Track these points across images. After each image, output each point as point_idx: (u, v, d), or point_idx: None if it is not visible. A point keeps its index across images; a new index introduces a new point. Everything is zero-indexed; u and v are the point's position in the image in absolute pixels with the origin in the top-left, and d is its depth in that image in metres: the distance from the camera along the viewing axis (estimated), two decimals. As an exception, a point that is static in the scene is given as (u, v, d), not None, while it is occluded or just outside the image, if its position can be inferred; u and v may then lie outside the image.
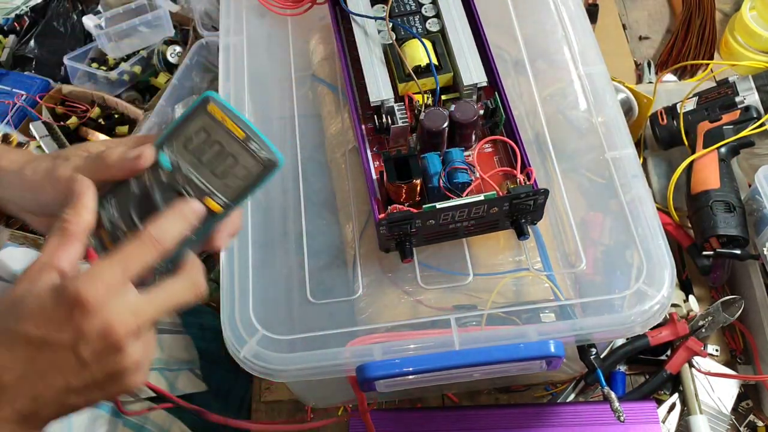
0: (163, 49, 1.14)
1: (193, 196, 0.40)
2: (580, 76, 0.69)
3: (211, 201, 0.40)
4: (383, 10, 0.71)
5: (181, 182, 0.40)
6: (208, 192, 0.40)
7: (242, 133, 0.40)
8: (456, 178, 0.61)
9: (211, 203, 0.40)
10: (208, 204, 0.40)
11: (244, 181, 0.40)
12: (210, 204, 0.40)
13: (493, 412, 0.74)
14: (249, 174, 0.40)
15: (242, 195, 0.40)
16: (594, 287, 0.65)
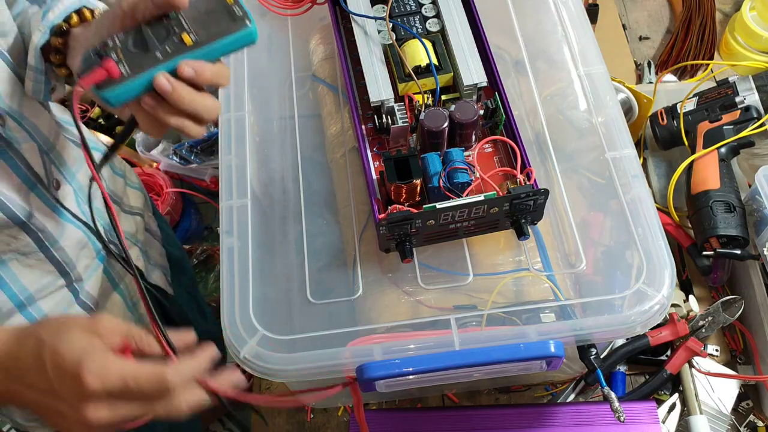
0: (163, 49, 1.14)
1: (175, 33, 0.49)
2: (580, 76, 0.69)
3: (186, 35, 0.49)
4: (383, 10, 0.71)
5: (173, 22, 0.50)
6: (187, 30, 0.49)
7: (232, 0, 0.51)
8: (456, 178, 0.61)
9: (185, 36, 0.49)
10: (183, 37, 0.49)
11: (218, 28, 0.50)
12: (184, 37, 0.49)
13: (493, 412, 0.74)
14: (223, 27, 0.50)
15: (211, 40, 0.50)
16: (594, 287, 0.65)
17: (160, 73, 0.48)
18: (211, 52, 0.50)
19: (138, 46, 0.49)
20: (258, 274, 0.60)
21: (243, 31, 0.50)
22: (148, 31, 0.50)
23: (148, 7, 0.50)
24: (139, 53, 0.49)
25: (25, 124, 0.60)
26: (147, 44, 0.49)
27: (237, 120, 0.69)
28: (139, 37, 0.50)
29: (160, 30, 0.50)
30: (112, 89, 0.48)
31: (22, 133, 0.59)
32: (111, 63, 0.48)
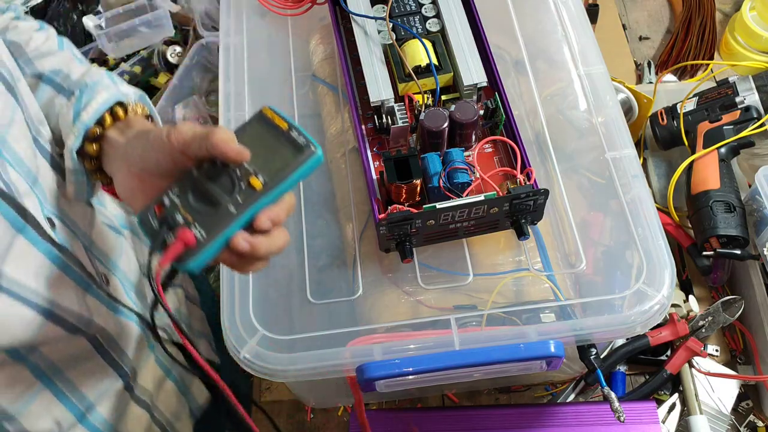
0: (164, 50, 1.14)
1: (241, 178, 0.45)
2: (580, 76, 0.69)
3: (254, 179, 0.45)
4: (383, 10, 0.71)
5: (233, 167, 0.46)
6: (252, 172, 0.45)
7: (285, 125, 0.47)
8: (456, 178, 0.61)
9: (254, 180, 0.45)
10: (252, 182, 0.45)
11: (283, 162, 0.46)
12: (253, 182, 0.45)
13: (493, 412, 0.74)
14: (290, 160, 0.46)
15: (281, 175, 0.45)
16: (594, 287, 0.65)
17: (238, 235, 0.44)
18: (282, 191, 0.46)
19: (203, 201, 0.45)
20: (258, 274, 0.60)
21: (311, 160, 0.46)
22: (208, 181, 0.45)
23: (201, 151, 0.46)
24: (208, 210, 0.45)
25: (68, 222, 0.57)
26: (213, 197, 0.45)
27: (237, 120, 0.69)
28: (200, 190, 0.45)
29: (222, 178, 0.45)
30: (192, 260, 0.44)
31: (69, 233, 0.56)
32: (187, 233, 0.44)
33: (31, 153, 0.53)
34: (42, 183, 0.54)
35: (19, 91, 0.53)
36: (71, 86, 0.57)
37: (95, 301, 0.56)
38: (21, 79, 0.55)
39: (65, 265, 0.53)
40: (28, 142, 0.53)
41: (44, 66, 0.58)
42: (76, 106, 0.55)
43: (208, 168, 0.46)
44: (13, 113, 0.51)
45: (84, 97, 0.55)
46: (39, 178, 0.54)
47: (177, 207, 0.45)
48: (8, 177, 0.49)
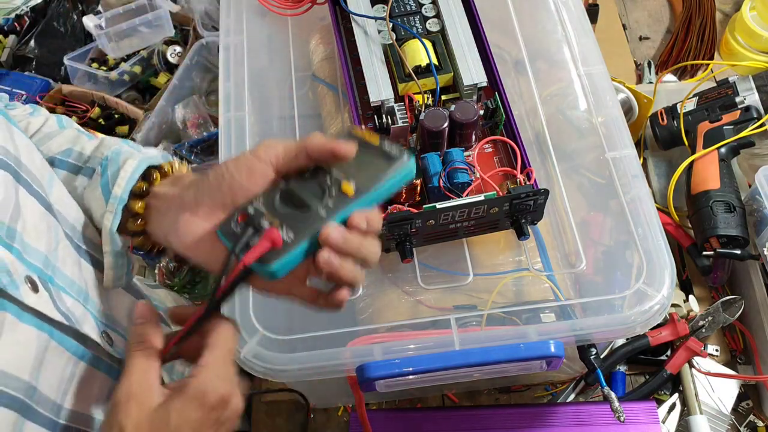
0: (164, 49, 1.14)
1: (332, 185, 0.44)
2: (580, 76, 0.69)
3: (346, 184, 0.43)
4: (383, 10, 0.71)
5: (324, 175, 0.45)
6: (344, 179, 0.44)
7: (377, 140, 0.46)
8: (456, 178, 0.61)
9: (345, 186, 0.43)
10: (344, 188, 0.43)
11: (375, 170, 0.44)
12: (345, 187, 0.43)
13: (493, 412, 0.74)
14: (380, 166, 0.45)
15: (373, 181, 0.44)
16: (594, 287, 0.65)
17: (330, 225, 0.42)
18: (375, 198, 0.44)
19: (291, 206, 0.43)
20: (258, 274, 0.60)
21: (403, 168, 0.44)
22: (298, 188, 0.44)
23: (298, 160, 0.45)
24: (297, 214, 0.43)
25: (119, 328, 0.55)
26: (302, 202, 0.43)
27: (237, 120, 0.69)
28: (288, 198, 0.44)
29: (312, 186, 0.44)
30: (277, 261, 0.41)
31: (123, 340, 0.54)
32: (274, 232, 0.41)
33: (78, 269, 0.51)
34: (92, 295, 0.52)
35: (53, 205, 0.50)
36: (89, 164, 0.54)
37: None
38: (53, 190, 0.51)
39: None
40: (73, 257, 0.51)
41: (51, 149, 0.55)
42: (103, 182, 0.51)
43: (296, 179, 0.45)
44: (56, 233, 0.49)
45: (109, 172, 0.51)
46: (89, 291, 0.52)
47: (263, 213, 0.43)
48: (65, 306, 0.47)
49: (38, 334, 0.45)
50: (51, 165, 0.54)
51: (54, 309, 0.46)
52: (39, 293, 0.45)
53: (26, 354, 0.44)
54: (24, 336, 0.44)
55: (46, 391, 0.46)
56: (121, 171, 0.51)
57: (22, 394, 0.43)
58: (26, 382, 0.44)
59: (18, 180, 0.47)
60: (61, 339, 0.47)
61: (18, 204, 0.46)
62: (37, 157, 0.51)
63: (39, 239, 0.47)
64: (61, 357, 0.48)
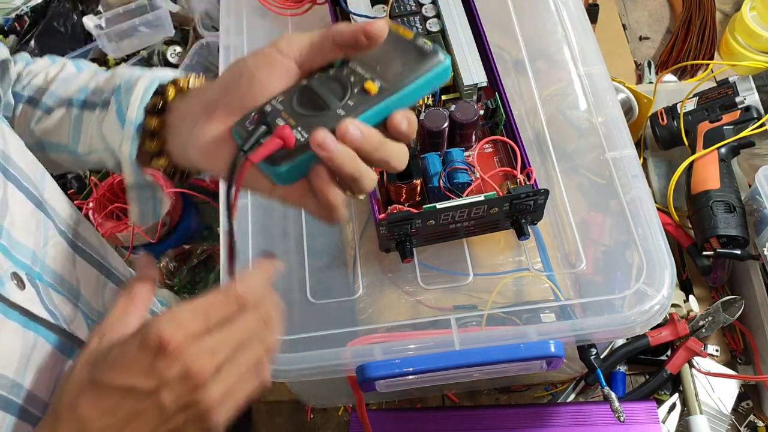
0: (164, 50, 1.14)
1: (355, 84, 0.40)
2: (580, 76, 0.69)
3: (370, 83, 0.39)
4: (383, 10, 0.71)
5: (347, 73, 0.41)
6: (368, 78, 0.40)
7: (410, 34, 0.41)
8: (456, 178, 0.61)
9: (369, 85, 0.39)
10: (367, 86, 0.39)
11: (405, 69, 0.40)
12: (368, 86, 0.39)
13: (493, 412, 0.74)
14: (413, 66, 0.40)
15: (400, 80, 0.40)
16: (594, 287, 0.65)
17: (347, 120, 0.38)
18: (403, 99, 0.40)
19: (308, 107, 0.40)
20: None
21: (437, 68, 0.40)
22: (318, 86, 0.40)
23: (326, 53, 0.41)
24: (314, 114, 0.39)
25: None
26: (321, 102, 0.39)
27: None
28: (306, 96, 0.40)
29: (332, 83, 0.40)
30: (287, 162, 0.38)
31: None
32: (287, 130, 0.38)
33: (71, 266, 0.50)
34: (84, 293, 0.52)
35: (46, 202, 0.50)
36: (105, 96, 0.52)
37: None
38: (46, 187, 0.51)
39: None
40: (67, 254, 0.50)
41: (69, 91, 0.54)
42: (117, 109, 0.49)
43: (319, 76, 0.41)
44: (47, 230, 0.49)
45: (122, 98, 0.49)
46: (81, 289, 0.51)
47: (279, 112, 0.39)
48: (53, 303, 0.47)
49: (24, 331, 0.44)
50: (69, 106, 0.53)
51: (41, 306, 0.45)
52: (25, 290, 0.44)
53: (11, 352, 0.43)
54: (9, 334, 0.43)
55: (35, 390, 0.45)
56: (133, 94, 0.48)
57: (7, 392, 0.43)
58: (11, 380, 0.43)
59: (6, 176, 0.46)
60: (48, 337, 0.46)
61: (6, 200, 0.45)
62: (28, 155, 0.51)
63: (27, 235, 0.47)
64: (50, 356, 0.46)
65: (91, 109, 0.52)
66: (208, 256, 1.03)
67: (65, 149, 0.54)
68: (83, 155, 0.53)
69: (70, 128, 0.53)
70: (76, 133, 0.53)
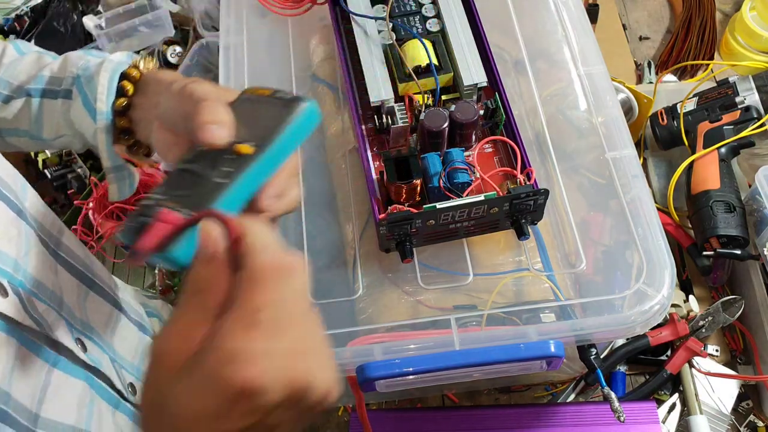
0: (164, 50, 1.14)
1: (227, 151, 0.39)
2: (580, 76, 0.69)
3: (242, 146, 0.38)
4: (383, 10, 0.71)
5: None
6: (239, 141, 0.39)
7: (268, 91, 0.42)
8: (456, 178, 0.61)
9: (242, 147, 0.38)
10: (240, 149, 0.38)
11: (273, 122, 0.39)
12: (241, 148, 0.38)
13: (493, 412, 0.74)
14: (278, 117, 0.40)
15: (271, 135, 0.39)
16: (594, 287, 0.65)
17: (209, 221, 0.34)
18: (281, 150, 0.39)
19: (186, 186, 0.38)
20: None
21: (304, 112, 0.40)
22: (190, 164, 0.40)
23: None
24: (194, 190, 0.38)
25: (95, 337, 0.54)
26: (197, 176, 0.38)
27: (237, 120, 0.68)
28: (181, 177, 0.40)
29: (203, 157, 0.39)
30: (179, 243, 0.35)
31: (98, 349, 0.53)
32: (168, 213, 0.36)
33: (53, 275, 0.50)
34: (67, 301, 0.51)
35: (27, 211, 0.50)
36: (63, 85, 0.54)
37: (124, 418, 0.54)
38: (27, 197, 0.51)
39: (99, 387, 0.51)
40: (48, 263, 0.50)
41: (20, 78, 0.55)
42: (84, 101, 0.52)
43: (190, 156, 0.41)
44: (28, 239, 0.49)
45: (86, 89, 0.52)
46: (64, 297, 0.51)
47: (158, 201, 0.38)
48: (37, 312, 0.46)
49: (8, 339, 0.44)
50: (27, 96, 0.54)
51: (25, 314, 0.45)
52: (8, 298, 0.44)
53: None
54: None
55: (21, 399, 0.44)
56: (98, 86, 0.51)
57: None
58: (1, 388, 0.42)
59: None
60: (32, 345, 0.46)
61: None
62: (7, 164, 0.51)
63: (9, 244, 0.46)
64: (34, 364, 0.46)
65: (51, 97, 0.54)
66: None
67: (26, 134, 0.56)
68: (48, 140, 0.55)
69: (31, 117, 0.55)
70: (39, 120, 0.55)
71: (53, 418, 0.47)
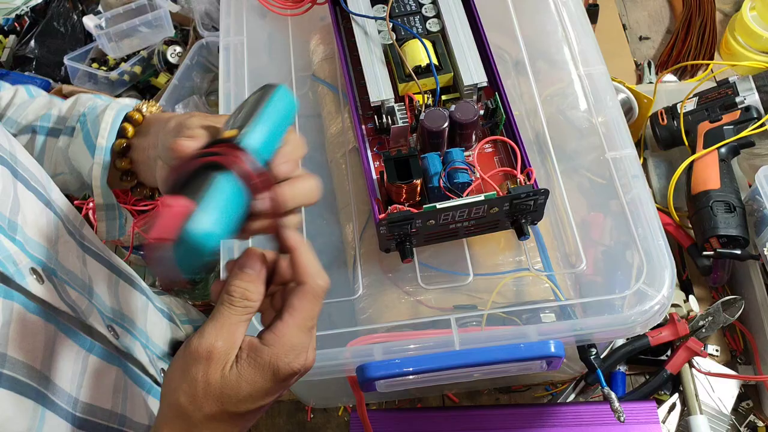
0: (164, 49, 1.14)
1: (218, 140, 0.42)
2: (581, 76, 0.69)
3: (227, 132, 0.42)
4: (383, 10, 0.71)
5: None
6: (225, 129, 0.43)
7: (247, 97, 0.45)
8: (456, 178, 0.61)
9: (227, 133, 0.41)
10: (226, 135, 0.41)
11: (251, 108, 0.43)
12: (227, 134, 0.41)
13: (493, 412, 0.74)
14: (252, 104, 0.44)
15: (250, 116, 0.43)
16: (594, 287, 0.65)
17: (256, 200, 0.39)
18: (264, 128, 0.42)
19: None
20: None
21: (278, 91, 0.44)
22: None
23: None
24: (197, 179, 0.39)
25: (126, 324, 0.55)
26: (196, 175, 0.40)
27: (237, 120, 0.68)
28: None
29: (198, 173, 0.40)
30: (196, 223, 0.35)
31: (129, 336, 0.54)
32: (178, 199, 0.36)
33: (81, 264, 0.51)
34: (97, 289, 0.52)
35: (54, 202, 0.51)
36: (68, 123, 0.55)
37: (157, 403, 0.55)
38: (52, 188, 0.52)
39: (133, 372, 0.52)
40: (77, 253, 0.51)
41: (28, 118, 0.56)
42: (85, 136, 0.52)
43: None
44: (57, 229, 0.50)
45: (90, 125, 0.52)
46: (93, 285, 0.52)
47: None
48: (71, 299, 0.47)
49: (45, 324, 0.45)
50: (33, 133, 0.55)
51: (60, 300, 0.46)
52: (44, 284, 0.45)
53: (36, 345, 0.44)
54: (32, 327, 0.44)
55: (61, 383, 0.46)
56: (102, 123, 0.51)
57: (36, 382, 0.43)
58: (39, 371, 0.44)
59: (15, 175, 0.47)
60: (68, 331, 0.47)
61: (17, 198, 0.46)
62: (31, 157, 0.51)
63: (40, 233, 0.47)
64: (71, 349, 0.47)
65: (55, 136, 0.55)
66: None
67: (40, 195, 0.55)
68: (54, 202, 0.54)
69: (34, 154, 0.55)
70: (40, 157, 0.56)
71: (92, 402, 0.48)
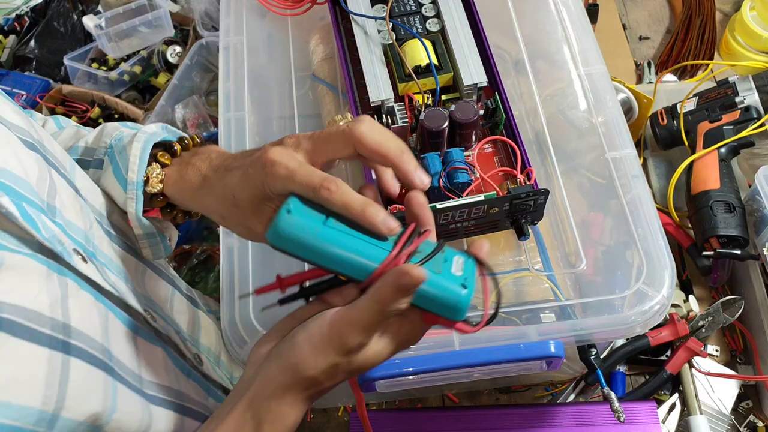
0: (163, 49, 1.14)
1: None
2: (580, 76, 0.69)
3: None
4: (383, 10, 0.71)
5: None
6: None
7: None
8: (456, 178, 0.61)
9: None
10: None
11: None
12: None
13: (493, 413, 0.74)
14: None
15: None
16: (594, 287, 0.65)
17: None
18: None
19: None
20: (258, 274, 0.60)
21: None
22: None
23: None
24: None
25: (158, 311, 0.56)
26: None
27: (237, 120, 0.69)
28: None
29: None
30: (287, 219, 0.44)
31: (163, 321, 0.55)
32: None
33: (111, 249, 0.52)
34: (129, 276, 0.53)
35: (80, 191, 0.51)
36: (96, 155, 0.55)
37: (195, 386, 0.57)
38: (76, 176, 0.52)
39: (173, 356, 0.53)
40: (105, 239, 0.52)
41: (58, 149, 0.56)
42: (115, 170, 0.52)
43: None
44: (88, 215, 0.50)
45: (118, 159, 0.52)
46: (128, 274, 0.53)
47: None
48: (110, 279, 0.48)
49: (96, 303, 0.46)
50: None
51: (104, 280, 0.47)
52: (88, 264, 0.46)
53: (93, 320, 0.44)
54: (87, 303, 0.44)
55: (123, 360, 0.47)
56: (130, 156, 0.51)
57: (101, 354, 0.44)
58: (101, 344, 0.44)
59: (47, 162, 0.48)
60: (115, 311, 0.48)
61: (53, 183, 0.47)
62: (56, 145, 0.52)
63: (76, 217, 0.48)
64: (121, 329, 0.49)
65: (84, 167, 0.55)
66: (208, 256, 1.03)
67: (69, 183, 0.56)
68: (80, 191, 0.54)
69: None
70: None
71: (153, 380, 0.49)
